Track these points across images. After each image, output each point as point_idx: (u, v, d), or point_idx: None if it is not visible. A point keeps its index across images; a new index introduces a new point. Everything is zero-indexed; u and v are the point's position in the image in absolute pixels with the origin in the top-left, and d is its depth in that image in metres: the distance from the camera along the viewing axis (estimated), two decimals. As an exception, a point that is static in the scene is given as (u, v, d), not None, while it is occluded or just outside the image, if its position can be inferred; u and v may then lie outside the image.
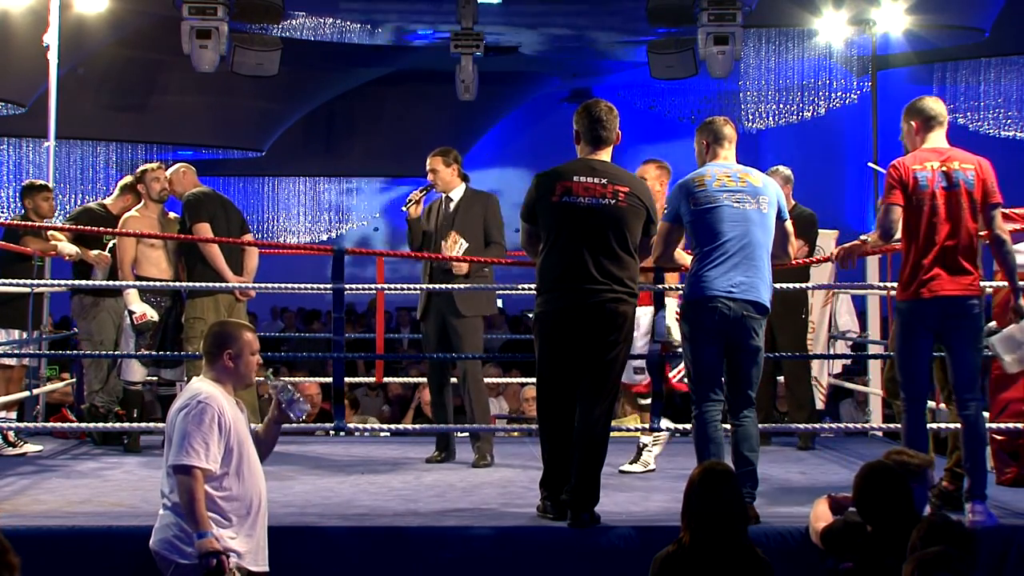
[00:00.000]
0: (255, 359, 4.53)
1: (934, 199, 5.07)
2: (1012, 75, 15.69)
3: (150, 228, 7.14)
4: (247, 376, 4.52)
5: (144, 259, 7.19)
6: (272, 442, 4.74)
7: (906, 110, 5.29)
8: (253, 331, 4.62)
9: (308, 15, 14.74)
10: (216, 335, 4.54)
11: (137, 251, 7.19)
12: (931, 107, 5.25)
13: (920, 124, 5.24)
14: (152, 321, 7.03)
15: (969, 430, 5.12)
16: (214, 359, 4.47)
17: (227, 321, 4.96)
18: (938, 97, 5.39)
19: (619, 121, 5.26)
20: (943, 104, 5.33)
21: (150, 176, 7.30)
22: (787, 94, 16.33)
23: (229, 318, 6.70)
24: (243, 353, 4.47)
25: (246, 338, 4.51)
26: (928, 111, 5.24)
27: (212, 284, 6.88)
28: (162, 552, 4.33)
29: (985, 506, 5.04)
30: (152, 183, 7.29)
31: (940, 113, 5.25)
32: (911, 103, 5.30)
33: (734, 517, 4.13)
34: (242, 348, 4.47)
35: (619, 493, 5.70)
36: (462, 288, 6.57)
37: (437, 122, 19.90)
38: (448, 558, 4.87)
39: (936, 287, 5.04)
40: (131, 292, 7.04)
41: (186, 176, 7.33)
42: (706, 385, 5.14)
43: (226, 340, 4.48)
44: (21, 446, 7.07)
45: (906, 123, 5.27)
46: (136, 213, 7.28)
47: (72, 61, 13.18)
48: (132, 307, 7.04)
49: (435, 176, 6.89)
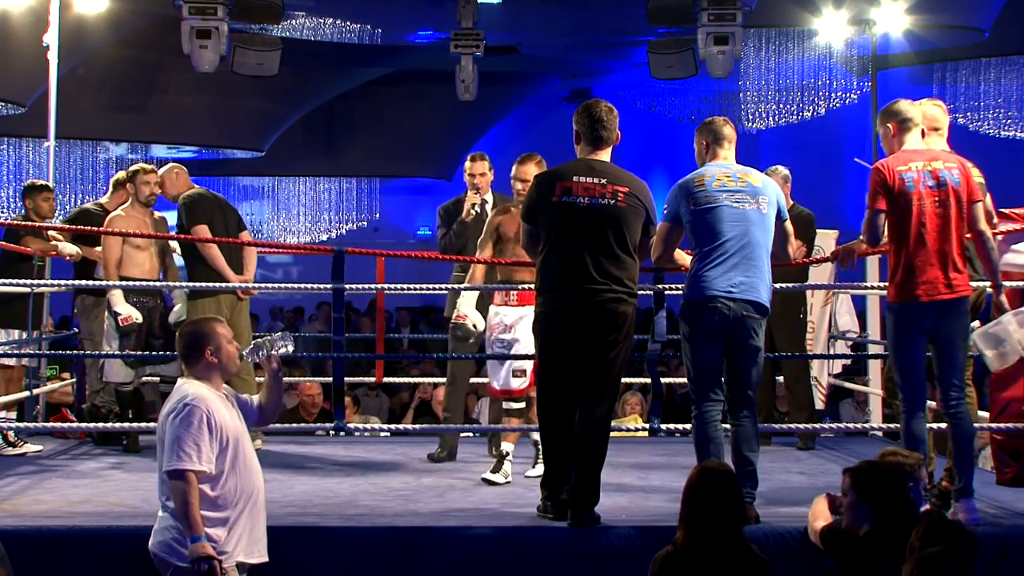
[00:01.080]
0: (233, 347, 4.54)
1: (922, 199, 5.08)
2: (1012, 75, 15.69)
3: (137, 228, 7.07)
4: (231, 366, 4.54)
5: (128, 260, 7.12)
6: (278, 398, 4.76)
7: (881, 114, 5.31)
8: (222, 322, 4.65)
9: (308, 15, 14.73)
10: (190, 335, 4.54)
11: (122, 252, 7.14)
12: (905, 109, 5.26)
13: (897, 126, 5.25)
14: (137, 323, 6.98)
15: (956, 427, 5.15)
16: (196, 359, 4.48)
17: (195, 321, 4.94)
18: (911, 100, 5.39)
19: (619, 121, 5.27)
20: (918, 106, 5.34)
21: (141, 179, 7.24)
22: (787, 94, 16.33)
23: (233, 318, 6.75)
24: (221, 345, 4.49)
25: (219, 330, 4.53)
26: (903, 113, 5.25)
27: (209, 284, 6.88)
28: (161, 554, 4.34)
29: (971, 503, 5.04)
30: (142, 186, 7.22)
31: (916, 115, 5.26)
32: (886, 107, 5.31)
33: (730, 517, 4.13)
34: (219, 341, 4.49)
35: (619, 493, 5.70)
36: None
37: (437, 122, 19.90)
38: (448, 558, 4.88)
39: (933, 290, 5.05)
40: (116, 293, 6.97)
41: (179, 177, 7.31)
42: (706, 385, 5.14)
43: (202, 338, 4.49)
44: (21, 446, 7.07)
45: (883, 127, 5.29)
46: (122, 213, 7.23)
47: (72, 61, 13.18)
48: (117, 308, 6.97)
49: (484, 180, 6.97)
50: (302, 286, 7.87)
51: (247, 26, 11.35)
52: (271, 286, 7.27)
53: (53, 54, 8.78)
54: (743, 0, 10.32)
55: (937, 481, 5.52)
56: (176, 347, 4.61)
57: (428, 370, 10.75)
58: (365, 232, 21.27)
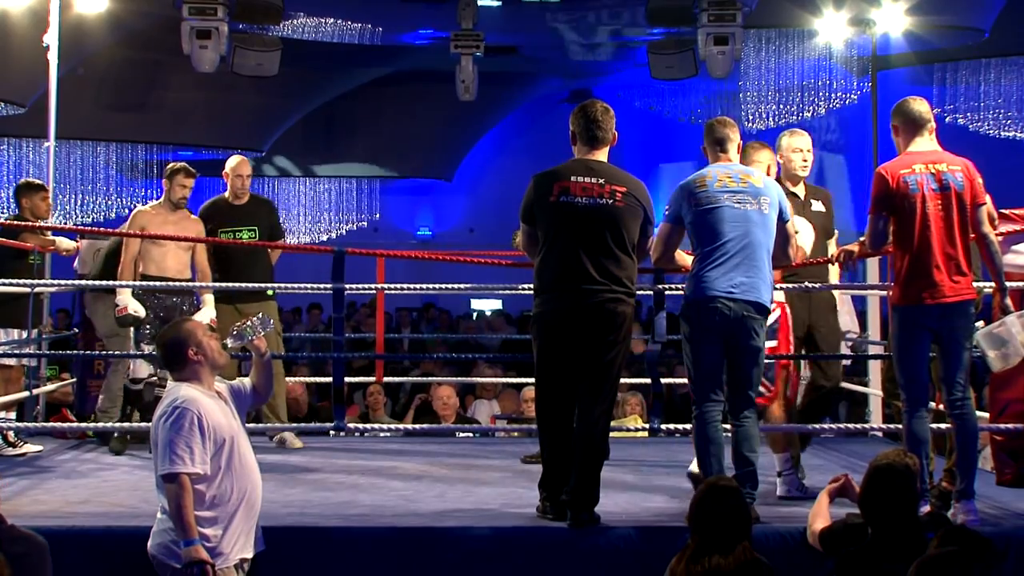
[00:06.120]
0: (214, 339, 4.55)
1: (925, 202, 5.07)
2: (1012, 75, 15.69)
3: (160, 226, 7.04)
4: (217, 358, 4.53)
5: (146, 256, 7.08)
6: (268, 376, 4.78)
7: (892, 112, 5.29)
8: (194, 320, 4.69)
9: (308, 15, 14.74)
10: (170, 342, 4.52)
11: (142, 247, 7.09)
12: (915, 109, 5.23)
13: (903, 127, 5.23)
14: (135, 316, 6.93)
15: (961, 427, 5.14)
16: (181, 363, 4.47)
17: (168, 327, 4.90)
18: (923, 97, 5.37)
19: (615, 122, 5.26)
20: (927, 104, 5.31)
21: (179, 181, 7.16)
22: (787, 94, 16.34)
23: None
24: (202, 341, 4.48)
25: (195, 328, 4.55)
26: (910, 114, 5.23)
27: (208, 284, 6.88)
28: (159, 557, 4.34)
29: (972, 504, 5.04)
30: (177, 187, 7.15)
31: (923, 113, 5.22)
32: (896, 105, 5.29)
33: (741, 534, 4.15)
34: (199, 338, 4.49)
35: (619, 493, 5.70)
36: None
37: (437, 122, 19.92)
38: (448, 558, 4.87)
39: (938, 293, 5.04)
40: (124, 291, 6.89)
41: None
42: (706, 385, 5.14)
43: (180, 342, 4.48)
44: (21, 446, 7.06)
45: (892, 125, 5.28)
46: (150, 209, 7.21)
47: (72, 61, 13.19)
48: (118, 299, 6.91)
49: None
50: (302, 286, 7.87)
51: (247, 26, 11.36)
52: (271, 286, 7.24)
53: (53, 54, 8.78)
54: (743, 0, 10.33)
55: (937, 481, 5.52)
56: (159, 360, 4.61)
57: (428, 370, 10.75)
58: (365, 232, 21.29)
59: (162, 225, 7.06)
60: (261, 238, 7.47)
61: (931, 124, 5.23)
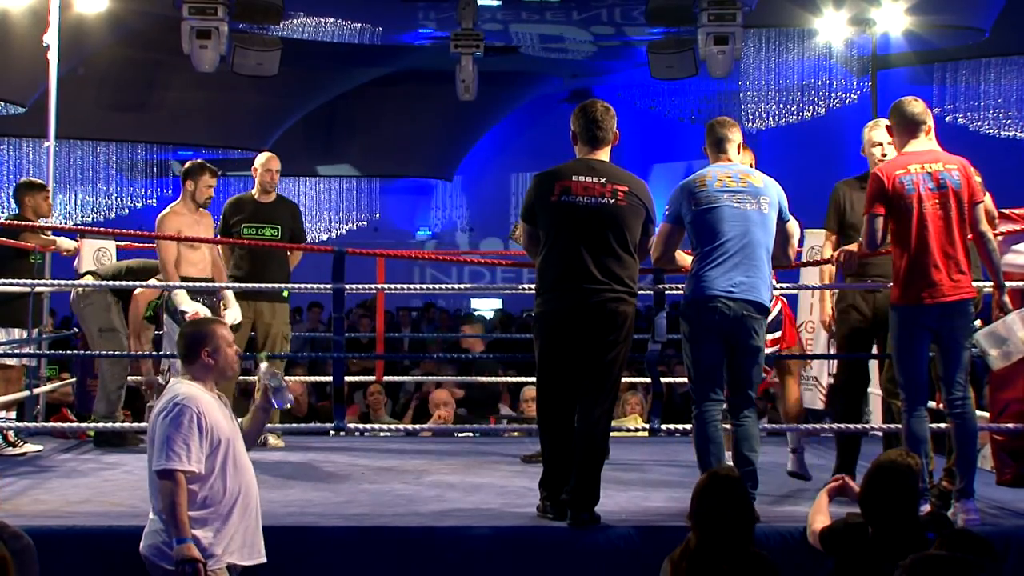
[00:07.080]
0: (232, 350, 4.53)
1: (922, 202, 5.08)
2: (1012, 75, 15.68)
3: (188, 227, 6.99)
4: (228, 369, 4.51)
5: (184, 259, 6.99)
6: (259, 430, 4.75)
7: (888, 113, 5.30)
8: (225, 325, 4.65)
9: (308, 15, 14.74)
10: (190, 335, 4.52)
11: (179, 251, 6.98)
12: (911, 109, 5.24)
13: (900, 128, 5.24)
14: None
15: (961, 426, 5.15)
16: (192, 359, 4.46)
17: (196, 321, 4.92)
18: (918, 98, 5.37)
19: (616, 121, 5.26)
20: (923, 104, 5.31)
21: (205, 181, 7.14)
22: (787, 94, 16.34)
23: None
24: (220, 347, 4.47)
25: (220, 332, 4.51)
26: (907, 114, 5.23)
27: (222, 285, 6.89)
28: (151, 558, 4.30)
29: (972, 504, 5.05)
30: (204, 188, 7.13)
31: (919, 114, 5.23)
32: (892, 105, 5.29)
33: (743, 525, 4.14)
34: (218, 343, 4.47)
35: (619, 493, 5.70)
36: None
37: (437, 122, 19.92)
38: (448, 558, 4.87)
39: (938, 292, 5.05)
40: (180, 292, 6.78)
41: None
42: (706, 385, 5.15)
43: (202, 339, 4.47)
44: (21, 446, 7.07)
45: (887, 125, 5.29)
46: (178, 210, 7.12)
47: (72, 61, 13.18)
48: (183, 307, 6.73)
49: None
50: (302, 286, 7.87)
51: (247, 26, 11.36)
52: (270, 286, 7.24)
53: (53, 54, 8.78)
54: (743, 0, 10.33)
55: (937, 481, 5.52)
56: (176, 347, 4.61)
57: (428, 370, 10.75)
58: (365, 232, 21.29)
59: (192, 227, 7.03)
60: (283, 238, 7.47)
61: (927, 124, 5.24)
